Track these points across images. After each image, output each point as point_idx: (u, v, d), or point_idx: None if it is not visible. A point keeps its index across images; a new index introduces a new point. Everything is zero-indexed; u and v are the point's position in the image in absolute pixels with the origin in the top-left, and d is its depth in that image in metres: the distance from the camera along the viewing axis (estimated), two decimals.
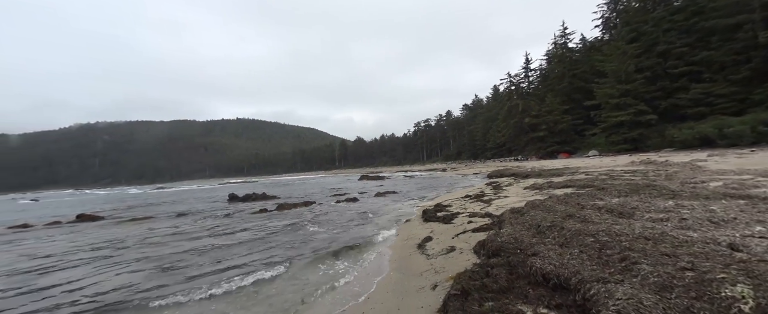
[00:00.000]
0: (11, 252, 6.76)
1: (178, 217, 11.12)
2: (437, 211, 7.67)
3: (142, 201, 21.48)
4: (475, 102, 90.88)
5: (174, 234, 7.59)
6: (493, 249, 3.40)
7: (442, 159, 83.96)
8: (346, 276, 3.86)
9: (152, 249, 6.13)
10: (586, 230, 3.33)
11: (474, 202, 8.53)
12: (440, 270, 3.55)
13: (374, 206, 10.99)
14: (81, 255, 5.99)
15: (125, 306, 3.34)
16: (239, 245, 5.87)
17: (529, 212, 4.74)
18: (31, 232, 9.65)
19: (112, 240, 7.37)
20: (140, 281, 4.15)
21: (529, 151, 48.32)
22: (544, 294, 2.41)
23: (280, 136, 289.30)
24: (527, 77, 58.98)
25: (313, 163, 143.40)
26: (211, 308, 3.19)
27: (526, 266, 2.80)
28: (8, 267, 5.37)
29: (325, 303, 3.12)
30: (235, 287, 3.66)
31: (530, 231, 3.78)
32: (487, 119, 68.28)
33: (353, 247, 5.23)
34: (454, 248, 4.27)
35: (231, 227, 8.14)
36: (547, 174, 14.37)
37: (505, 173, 20.08)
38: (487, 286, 2.64)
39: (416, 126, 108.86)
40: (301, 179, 59.58)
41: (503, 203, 7.64)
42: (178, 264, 4.82)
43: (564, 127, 43.73)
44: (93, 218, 11.70)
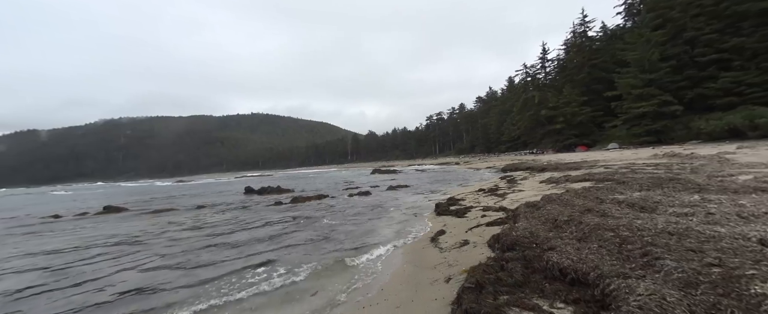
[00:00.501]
0: (42, 241, 7.17)
1: (198, 209, 11.50)
2: (450, 205, 7.63)
3: (163, 194, 22.32)
4: (489, 94, 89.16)
5: (193, 228, 7.86)
6: (508, 243, 3.36)
7: (455, 152, 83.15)
8: (360, 269, 3.91)
9: (173, 242, 6.37)
10: (606, 224, 3.24)
11: (488, 196, 8.43)
12: (454, 263, 3.55)
13: (386, 200, 11.03)
14: (102, 246, 6.29)
15: (147, 303, 3.50)
16: (255, 239, 6.01)
17: (545, 206, 4.65)
18: (61, 223, 10.20)
19: (134, 232, 7.71)
20: (159, 276, 4.33)
21: (546, 144, 47.20)
22: (561, 289, 2.37)
23: (294, 130, 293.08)
24: (544, 68, 57.34)
25: (326, 157, 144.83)
26: (232, 305, 3.30)
27: (542, 260, 2.76)
28: (37, 256, 5.71)
29: (340, 295, 3.15)
30: (257, 281, 3.76)
31: (546, 226, 3.72)
32: (501, 112, 66.95)
33: (366, 240, 5.28)
34: (467, 242, 4.25)
35: (247, 220, 8.36)
36: (564, 168, 14.03)
37: (520, 167, 19.72)
38: (501, 280, 2.62)
39: (428, 119, 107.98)
40: (315, 173, 60.39)
41: (518, 197, 7.52)
42: (197, 258, 4.99)
43: (582, 119, 42.40)
44: (118, 210, 12.24)
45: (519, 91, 59.96)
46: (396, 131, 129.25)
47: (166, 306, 3.17)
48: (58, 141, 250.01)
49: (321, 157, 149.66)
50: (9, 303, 3.51)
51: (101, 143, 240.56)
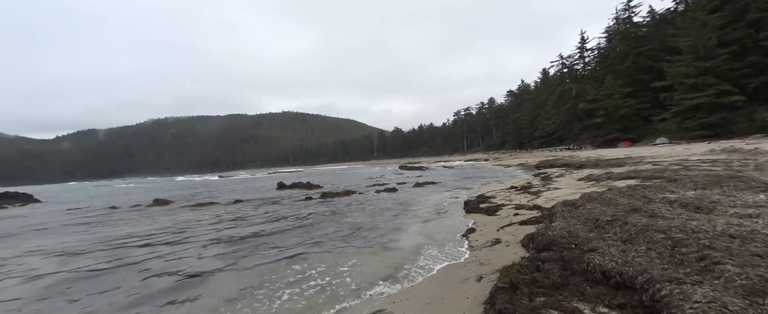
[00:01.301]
0: (101, 230, 7.97)
1: (236, 203, 12.18)
2: (480, 202, 7.45)
3: (204, 188, 23.92)
4: (521, 87, 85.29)
5: (231, 220, 8.34)
6: (543, 243, 3.22)
7: (484, 149, 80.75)
8: (389, 265, 3.93)
9: (214, 233, 6.80)
10: (655, 225, 3.00)
11: (520, 194, 8.12)
12: (485, 262, 3.47)
13: (414, 196, 10.99)
14: (152, 235, 6.86)
15: (195, 291, 3.77)
16: (288, 233, 6.25)
17: (584, 205, 4.40)
18: (118, 213, 11.26)
19: (178, 222, 8.33)
20: (206, 263, 4.65)
21: (584, 140, 44.43)
22: (604, 293, 2.24)
23: (322, 127, 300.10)
24: (582, 58, 53.88)
25: (353, 154, 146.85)
26: (264, 292, 3.46)
27: (582, 262, 2.62)
28: (98, 243, 6.34)
29: (370, 291, 3.18)
30: (292, 274, 3.92)
31: (587, 226, 3.51)
32: (534, 105, 63.86)
33: (394, 237, 5.30)
34: (499, 240, 4.13)
35: (281, 214, 8.72)
36: (605, 165, 13.15)
37: (555, 163, 18.76)
38: (537, 281, 2.52)
39: (456, 115, 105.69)
40: (342, 169, 61.45)
41: (553, 195, 7.17)
42: (236, 249, 5.30)
43: (626, 112, 39.34)
44: (165, 202, 13.29)
45: (554, 84, 56.82)
46: (422, 127, 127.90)
47: (210, 290, 3.40)
48: (113, 139, 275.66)
49: (348, 153, 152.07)
50: (74, 282, 3.94)
51: (150, 141, 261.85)
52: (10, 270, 4.67)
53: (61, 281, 4.04)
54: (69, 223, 9.44)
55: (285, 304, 2.98)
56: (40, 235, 7.70)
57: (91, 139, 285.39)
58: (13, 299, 3.52)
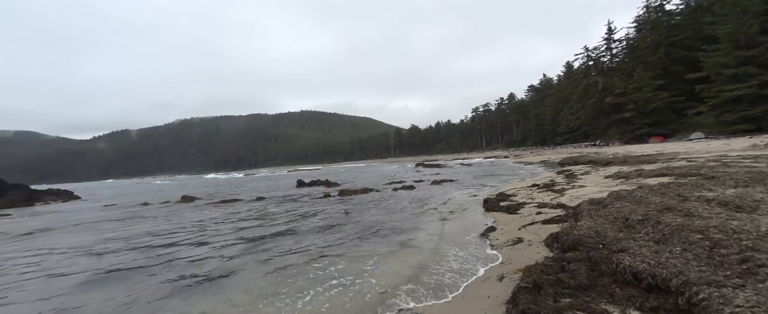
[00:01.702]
0: (133, 226, 8.44)
1: (258, 200, 12.55)
2: (500, 201, 7.30)
3: (227, 186, 24.82)
4: (543, 82, 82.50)
5: (254, 218, 8.61)
6: (569, 242, 3.12)
7: (504, 146, 78.85)
8: (409, 264, 3.93)
9: (238, 229, 7.05)
10: (691, 225, 2.84)
11: (543, 192, 7.88)
12: (507, 261, 3.40)
13: (431, 194, 10.91)
14: (182, 231, 7.19)
15: (219, 282, 3.93)
16: (307, 231, 6.38)
17: (613, 203, 4.21)
18: (149, 209, 11.89)
19: (204, 219, 8.69)
20: (231, 258, 4.83)
21: (611, 135, 42.46)
22: (635, 295, 2.14)
23: (339, 126, 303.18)
24: (609, 50, 51.36)
25: (370, 152, 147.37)
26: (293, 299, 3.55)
27: (611, 263, 2.52)
28: (130, 238, 6.73)
29: (390, 291, 3.12)
30: (314, 270, 4.01)
31: (615, 225, 3.37)
32: (557, 100, 61.65)
33: (413, 235, 5.29)
34: (521, 239, 4.03)
35: (300, 212, 8.91)
36: (635, 161, 12.52)
37: (579, 160, 18.05)
38: (563, 281, 2.45)
39: (474, 111, 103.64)
40: (359, 167, 61.88)
41: (579, 193, 6.91)
42: (259, 247, 5.47)
43: (658, 105, 37.20)
44: (192, 199, 13.90)
45: (579, 77, 54.57)
46: (439, 124, 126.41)
47: (234, 287, 3.53)
48: (144, 139, 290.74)
49: (364, 151, 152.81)
50: (110, 274, 4.21)
51: (177, 140, 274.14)
52: (57, 262, 5.05)
53: (95, 274, 4.32)
54: (104, 220, 10.07)
55: (308, 305, 2.95)
56: (79, 230, 8.26)
57: (125, 139, 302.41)
58: (57, 294, 3.80)
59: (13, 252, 5.96)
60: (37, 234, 8.00)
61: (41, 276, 4.34)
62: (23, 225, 9.69)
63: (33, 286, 3.94)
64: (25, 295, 3.66)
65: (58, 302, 3.38)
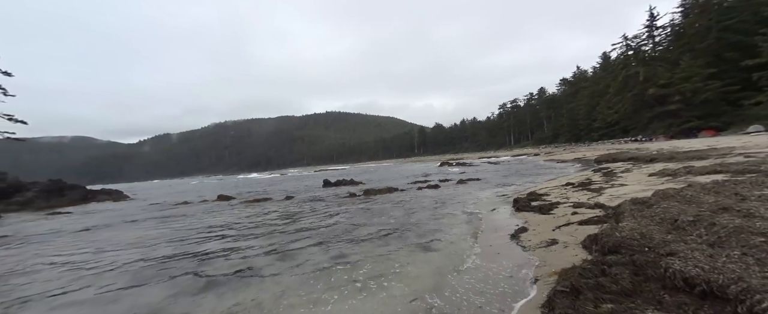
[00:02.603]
0: (176, 223, 9.04)
1: (287, 199, 12.99)
2: (531, 200, 7.01)
3: (258, 185, 25.93)
4: (576, 75, 78.23)
5: (286, 217, 8.91)
6: (609, 245, 2.94)
7: (534, 143, 75.68)
8: (436, 265, 3.88)
9: (268, 227, 7.33)
10: (752, 227, 2.57)
11: (579, 191, 7.47)
12: (541, 263, 3.27)
13: (457, 193, 10.71)
14: (221, 228, 7.60)
15: (257, 272, 4.11)
16: (332, 229, 6.50)
17: (659, 203, 3.91)
18: (190, 207, 12.70)
19: (238, 217, 9.12)
20: (259, 255, 5.04)
21: (655, 130, 39.44)
22: (687, 302, 1.98)
23: (363, 126, 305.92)
24: (651, 38, 47.69)
25: (393, 151, 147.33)
26: (312, 286, 3.64)
27: (658, 267, 2.34)
28: (176, 234, 7.21)
29: (414, 295, 3.02)
30: (341, 271, 4.09)
31: (663, 226, 3.12)
32: (593, 94, 58.24)
33: (439, 235, 5.23)
34: (555, 241, 3.85)
35: (326, 211, 9.11)
36: (683, 158, 11.54)
37: (619, 157, 16.92)
38: (603, 286, 2.31)
39: (501, 108, 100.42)
40: (383, 166, 62.07)
41: (619, 192, 6.48)
42: (286, 244, 5.65)
43: (708, 96, 34.01)
44: (228, 198, 14.65)
45: (617, 68, 51.10)
46: (464, 122, 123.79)
47: (262, 284, 3.68)
48: (183, 142, 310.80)
49: (388, 150, 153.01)
50: (157, 264, 4.54)
51: (213, 143, 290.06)
52: (114, 255, 5.53)
53: (142, 266, 4.68)
54: (150, 218, 10.87)
55: (330, 306, 2.93)
56: (129, 227, 8.99)
57: (166, 142, 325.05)
58: (111, 283, 4.16)
59: (74, 247, 6.61)
60: (94, 230, 8.81)
61: (98, 267, 4.78)
62: (81, 222, 10.70)
63: (91, 275, 4.35)
64: (87, 281, 4.04)
65: (113, 294, 3.70)
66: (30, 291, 3.95)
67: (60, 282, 4.19)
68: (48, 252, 6.18)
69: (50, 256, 5.81)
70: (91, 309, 3.31)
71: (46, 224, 10.95)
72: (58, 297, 3.68)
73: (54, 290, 3.90)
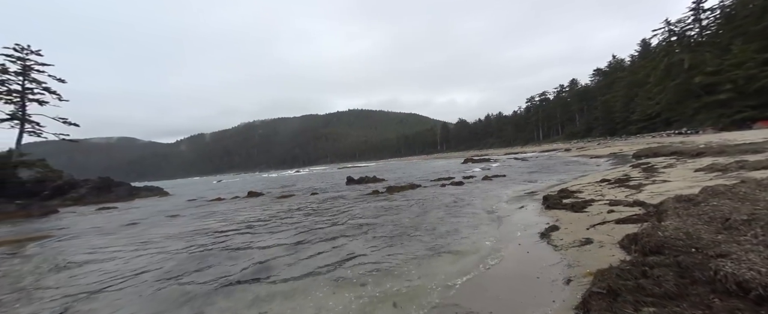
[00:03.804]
0: (212, 216, 9.55)
1: (312, 195, 13.33)
2: (563, 197, 6.70)
3: (285, 182, 26.81)
4: (612, 64, 73.45)
5: (311, 213, 9.16)
6: (651, 245, 2.76)
7: (565, 137, 72.14)
8: (462, 263, 3.84)
9: (293, 223, 7.56)
10: None
11: (615, 188, 7.05)
12: (574, 263, 3.13)
13: (482, 190, 10.48)
14: (250, 222, 7.94)
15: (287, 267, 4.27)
16: (355, 226, 6.56)
17: (707, 201, 3.61)
18: (223, 204, 13.38)
19: (268, 212, 9.48)
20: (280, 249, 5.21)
21: (702, 121, 36.26)
22: (741, 308, 1.82)
23: (385, 123, 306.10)
24: (698, 21, 43.75)
25: (415, 148, 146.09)
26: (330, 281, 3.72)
27: (707, 269, 2.17)
28: (211, 227, 7.62)
29: (443, 294, 2.99)
30: (363, 271, 4.15)
31: (712, 226, 2.88)
32: (630, 84, 54.48)
33: (465, 233, 5.15)
34: (590, 240, 3.67)
35: (350, 207, 9.25)
36: (735, 151, 10.56)
37: (660, 152, 15.77)
38: (644, 288, 2.18)
39: (529, 101, 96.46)
40: (405, 163, 61.86)
41: (661, 189, 6.05)
42: (307, 239, 5.80)
43: (765, 83, 30.68)
44: (257, 194, 15.28)
45: (658, 56, 47.43)
46: (489, 117, 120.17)
47: (277, 279, 3.82)
48: (216, 141, 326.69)
49: (410, 147, 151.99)
50: (196, 253, 4.83)
51: (242, 142, 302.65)
52: (160, 246, 5.97)
53: (184, 255, 5.00)
54: (189, 213, 11.58)
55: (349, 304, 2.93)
56: (170, 221, 9.63)
57: (201, 142, 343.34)
58: (151, 269, 4.49)
59: (122, 239, 7.19)
60: (140, 223, 9.53)
61: (145, 255, 5.18)
62: (128, 217, 11.61)
63: (142, 262, 4.72)
64: (138, 268, 4.40)
65: (160, 281, 4.00)
66: (95, 279, 4.36)
67: (118, 268, 4.59)
68: (101, 244, 6.77)
69: (104, 247, 6.37)
70: (150, 289, 3.60)
71: (97, 218, 12.00)
72: (123, 280, 4.03)
73: (115, 275, 4.28)
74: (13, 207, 15.08)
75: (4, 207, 15.00)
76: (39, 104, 23.37)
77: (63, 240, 7.61)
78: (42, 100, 23.48)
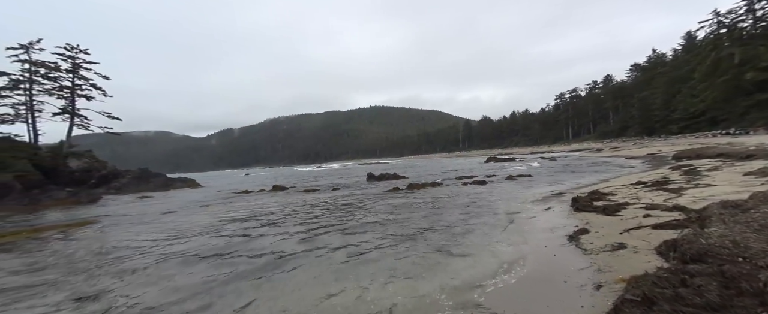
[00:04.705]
0: (241, 209, 9.98)
1: (334, 191, 13.58)
2: (594, 199, 6.41)
3: (308, 177, 27.51)
4: (652, 59, 68.66)
5: (334, 208, 9.33)
6: (692, 252, 2.59)
7: (597, 137, 68.50)
8: (484, 267, 3.76)
9: (315, 217, 7.74)
10: None
11: (653, 191, 6.65)
12: (605, 268, 3.00)
13: (505, 190, 10.22)
14: (276, 214, 8.23)
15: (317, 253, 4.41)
16: (374, 223, 6.54)
17: (758, 207, 3.33)
18: (250, 196, 13.94)
19: (290, 205, 9.77)
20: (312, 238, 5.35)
21: (753, 121, 33.17)
22: None
23: (406, 120, 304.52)
24: (751, 12, 39.89)
25: (437, 145, 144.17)
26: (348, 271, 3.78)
27: (755, 280, 2.01)
28: (238, 218, 7.97)
29: (459, 299, 2.85)
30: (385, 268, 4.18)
31: (762, 234, 2.66)
32: (672, 80, 50.81)
33: (487, 233, 5.05)
34: (623, 245, 3.50)
35: (370, 203, 9.33)
36: None
37: (704, 153, 14.65)
38: (683, 298, 2.05)
39: (558, 98, 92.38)
40: (426, 161, 61.38)
41: (704, 194, 5.63)
42: (319, 233, 5.92)
43: None
44: (282, 188, 15.78)
45: (705, 50, 43.80)
46: (515, 114, 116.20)
47: (293, 272, 3.93)
48: (243, 136, 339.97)
49: (431, 145, 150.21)
50: (224, 242, 5.09)
51: (268, 137, 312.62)
52: (196, 232, 6.34)
53: (216, 241, 5.28)
54: (219, 203, 12.17)
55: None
56: (203, 210, 10.18)
57: (229, 137, 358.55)
58: (187, 251, 4.78)
59: (160, 225, 7.69)
60: (176, 212, 10.15)
61: (181, 240, 5.52)
62: (165, 205, 12.39)
63: (179, 247, 5.05)
64: (175, 251, 4.71)
65: (193, 262, 4.25)
66: (138, 259, 4.71)
67: (157, 251, 4.94)
68: (142, 229, 7.29)
69: (145, 232, 6.86)
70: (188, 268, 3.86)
71: (137, 206, 12.89)
72: (167, 259, 4.35)
73: (156, 256, 4.62)
74: (64, 194, 16.53)
75: (57, 193, 16.47)
76: (86, 99, 25.30)
77: (109, 226, 8.26)
78: (89, 96, 25.40)
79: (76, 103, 24.80)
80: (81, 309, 3.10)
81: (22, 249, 6.01)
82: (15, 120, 23.89)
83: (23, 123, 23.62)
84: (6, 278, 4.24)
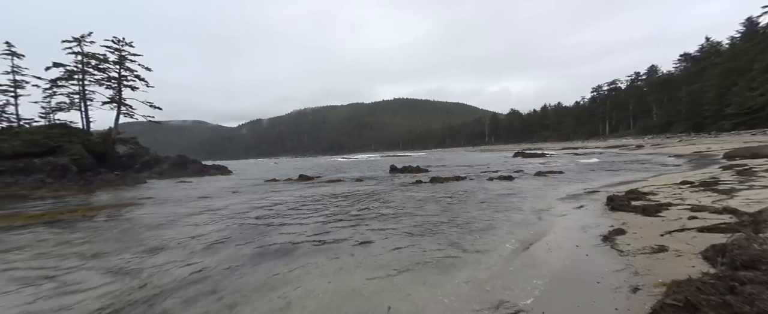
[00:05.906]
0: (266, 196, 10.41)
1: (357, 182, 13.76)
2: (631, 199, 6.05)
3: (333, 167, 28.09)
4: (705, 48, 62.47)
5: (357, 199, 9.48)
6: (744, 258, 2.39)
7: (637, 132, 63.92)
8: (511, 262, 3.69)
9: (337, 208, 7.91)
10: None
11: (700, 192, 6.15)
12: (642, 271, 2.84)
13: (534, 187, 9.85)
14: (297, 202, 8.50)
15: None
16: (395, 216, 6.52)
17: None
18: (278, 184, 14.48)
19: (314, 195, 10.03)
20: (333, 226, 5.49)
21: None
22: None
23: (431, 112, 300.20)
24: None
25: (461, 139, 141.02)
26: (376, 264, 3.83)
27: None
28: (264, 204, 8.31)
29: (485, 297, 2.80)
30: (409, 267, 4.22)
31: None
32: (727, 72, 46.08)
33: (514, 231, 4.92)
34: (664, 248, 3.29)
35: (395, 195, 9.38)
36: None
37: (761, 152, 13.29)
38: (731, 306, 1.91)
39: (595, 91, 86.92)
40: (449, 154, 60.37)
41: (760, 196, 5.14)
42: (337, 226, 6.02)
43: None
44: (309, 178, 16.23)
45: (767, 38, 39.17)
46: (546, 108, 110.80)
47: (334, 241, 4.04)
48: (272, 127, 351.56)
49: (456, 138, 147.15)
50: (251, 226, 5.35)
51: (294, 128, 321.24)
52: (227, 213, 6.73)
53: (245, 224, 5.57)
54: (248, 191, 12.76)
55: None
56: (234, 195, 10.73)
57: (259, 127, 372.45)
58: (224, 233, 5.08)
59: (197, 207, 8.21)
60: (211, 196, 10.78)
61: (216, 221, 5.89)
62: (201, 190, 13.17)
63: (214, 227, 5.39)
64: (210, 230, 5.04)
65: (225, 242, 4.53)
66: (179, 236, 5.10)
67: (195, 230, 5.31)
68: (182, 211, 7.83)
69: (184, 213, 7.37)
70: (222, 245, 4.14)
71: (177, 190, 13.82)
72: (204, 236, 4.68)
73: (194, 234, 4.98)
74: (113, 177, 18.03)
75: (107, 176, 18.00)
76: (131, 90, 27.14)
77: (153, 206, 8.95)
78: (133, 86, 27.23)
79: (122, 92, 26.70)
80: (139, 272, 3.43)
81: (78, 226, 6.67)
82: (70, 108, 26.27)
83: (77, 111, 25.93)
84: (71, 248, 4.75)
